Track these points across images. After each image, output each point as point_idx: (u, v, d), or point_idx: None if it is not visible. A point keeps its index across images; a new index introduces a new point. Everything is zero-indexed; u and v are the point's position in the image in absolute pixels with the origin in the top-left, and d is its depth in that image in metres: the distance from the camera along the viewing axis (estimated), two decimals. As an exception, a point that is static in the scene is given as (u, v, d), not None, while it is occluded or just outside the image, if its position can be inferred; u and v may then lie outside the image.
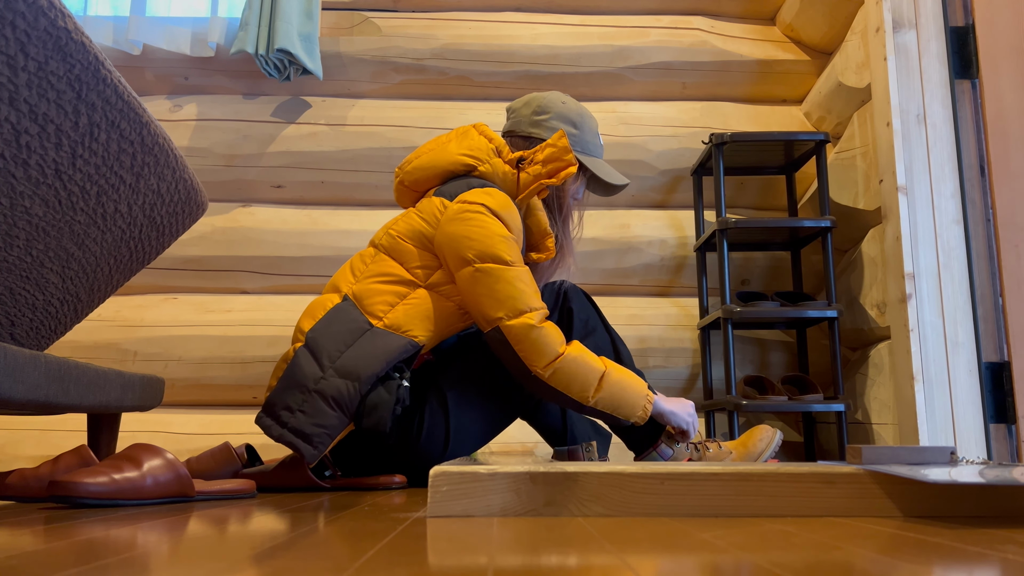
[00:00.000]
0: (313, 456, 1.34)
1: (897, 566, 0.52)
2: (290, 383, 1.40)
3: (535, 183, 1.58)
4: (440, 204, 1.53)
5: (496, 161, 1.60)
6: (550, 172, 1.57)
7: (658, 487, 0.87)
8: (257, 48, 2.34)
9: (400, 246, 1.52)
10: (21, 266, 1.21)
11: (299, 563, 0.54)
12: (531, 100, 1.71)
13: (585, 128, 1.70)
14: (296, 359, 1.42)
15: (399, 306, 1.48)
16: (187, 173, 1.40)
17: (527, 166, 1.59)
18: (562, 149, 1.56)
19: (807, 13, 2.41)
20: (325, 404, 1.37)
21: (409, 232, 1.53)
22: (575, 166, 1.55)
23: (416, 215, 1.55)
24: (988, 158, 1.90)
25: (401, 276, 1.50)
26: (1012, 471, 0.91)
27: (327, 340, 1.43)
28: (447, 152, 1.60)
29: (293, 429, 1.36)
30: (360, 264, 1.55)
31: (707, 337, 2.32)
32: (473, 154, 1.59)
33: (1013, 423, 1.80)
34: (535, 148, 1.60)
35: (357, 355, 1.41)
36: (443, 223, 1.50)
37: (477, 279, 1.46)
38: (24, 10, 0.97)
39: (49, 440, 2.26)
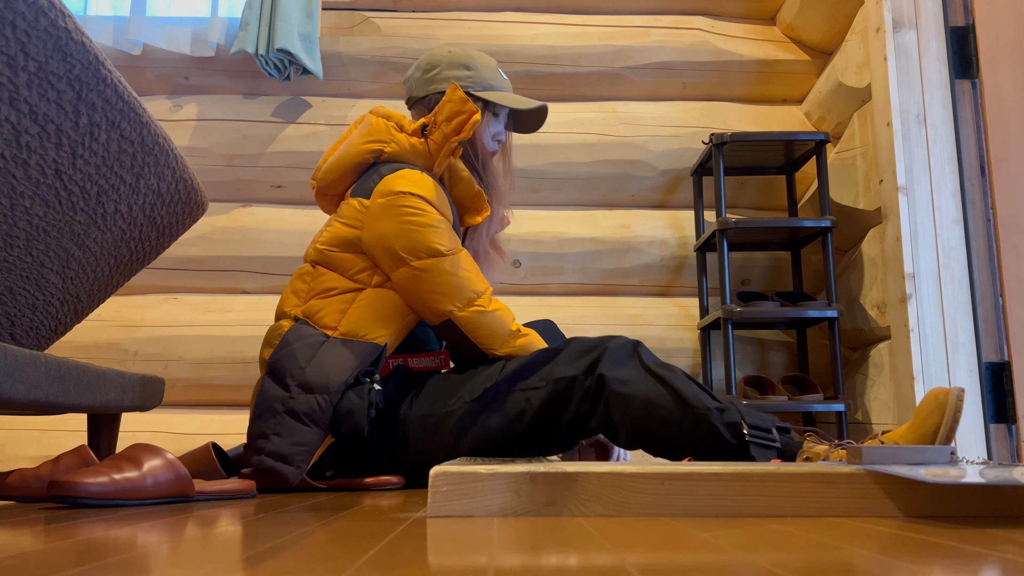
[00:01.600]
0: (296, 476, 1.32)
1: (897, 566, 0.52)
2: (261, 411, 1.39)
3: (445, 144, 1.52)
4: (358, 204, 1.49)
5: (400, 137, 1.55)
6: (456, 128, 1.51)
7: (658, 487, 0.87)
8: (257, 48, 2.34)
9: (332, 257, 1.49)
10: (21, 266, 1.21)
11: (299, 563, 0.54)
12: (419, 62, 1.66)
13: (478, 66, 1.63)
14: (262, 388, 1.41)
15: (350, 311, 1.45)
16: (187, 173, 1.40)
17: (432, 130, 1.54)
18: (459, 100, 1.51)
19: (807, 13, 2.41)
20: (298, 422, 1.35)
21: (336, 241, 1.49)
22: (478, 113, 1.50)
23: (338, 222, 1.51)
24: (988, 158, 1.90)
25: (344, 286, 1.47)
26: (1012, 471, 0.91)
27: (287, 361, 1.41)
28: (351, 147, 1.56)
29: (271, 453, 1.34)
30: (302, 284, 1.51)
31: (707, 337, 2.32)
32: (375, 138, 1.54)
33: (1013, 423, 1.80)
34: (435, 110, 1.54)
35: (321, 368, 1.38)
36: (367, 223, 1.47)
37: (417, 277, 1.43)
38: (24, 10, 0.97)
39: (49, 440, 2.26)
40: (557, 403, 1.38)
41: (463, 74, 1.62)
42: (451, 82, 1.54)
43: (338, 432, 1.37)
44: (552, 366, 1.40)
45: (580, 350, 1.40)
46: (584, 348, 1.40)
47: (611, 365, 1.35)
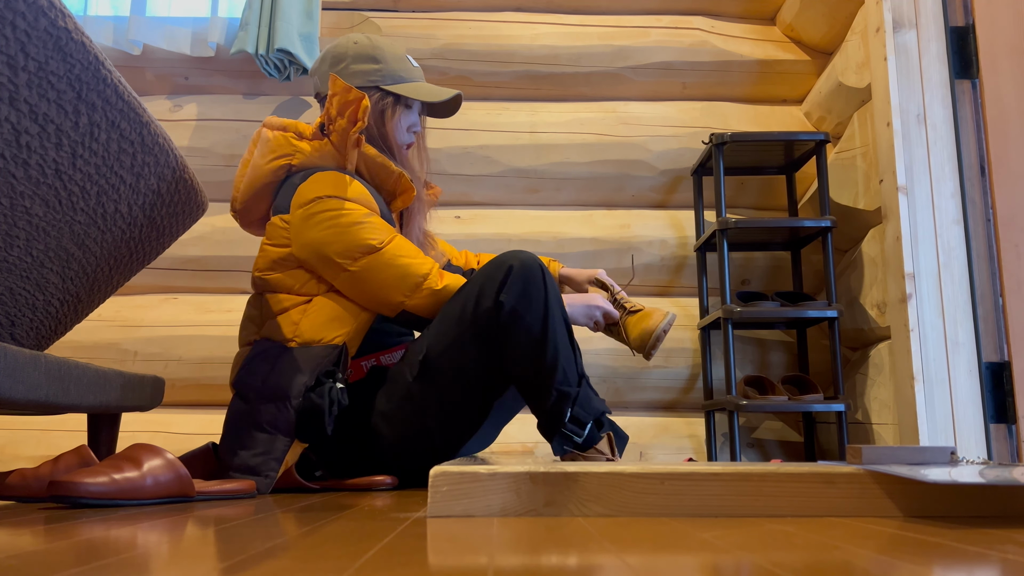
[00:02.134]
0: (266, 486, 1.31)
1: (897, 566, 0.52)
2: (228, 430, 1.39)
3: (348, 138, 1.49)
4: (280, 222, 1.48)
5: (302, 145, 1.52)
6: (351, 119, 1.48)
7: (658, 487, 0.87)
8: (257, 48, 2.34)
9: (272, 279, 1.48)
10: (21, 266, 1.21)
11: (299, 563, 0.54)
12: (324, 56, 1.62)
13: (386, 57, 1.59)
14: (229, 410, 1.42)
15: (303, 321, 1.44)
16: (187, 173, 1.40)
17: (330, 128, 1.51)
18: (343, 90, 1.47)
19: (807, 13, 2.41)
20: (261, 432, 1.35)
21: (270, 264, 1.48)
22: (365, 98, 1.46)
23: (268, 244, 1.50)
24: (988, 158, 1.90)
25: (294, 302, 1.46)
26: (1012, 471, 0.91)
27: (249, 377, 1.41)
28: (255, 168, 1.53)
29: (238, 467, 1.33)
30: (254, 311, 1.51)
31: (707, 337, 2.32)
32: (277, 153, 1.52)
33: (1013, 423, 1.80)
34: (325, 107, 1.52)
35: (278, 376, 1.38)
36: (294, 237, 1.45)
37: (359, 278, 1.42)
38: (24, 10, 0.97)
39: (49, 440, 2.26)
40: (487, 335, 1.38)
41: (371, 67, 1.57)
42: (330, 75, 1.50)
43: (304, 435, 1.36)
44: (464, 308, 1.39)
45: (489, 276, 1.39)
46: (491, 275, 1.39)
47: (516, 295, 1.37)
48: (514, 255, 1.39)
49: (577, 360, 1.40)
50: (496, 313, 1.36)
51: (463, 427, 1.44)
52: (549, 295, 1.37)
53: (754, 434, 2.36)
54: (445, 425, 1.42)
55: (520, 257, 1.38)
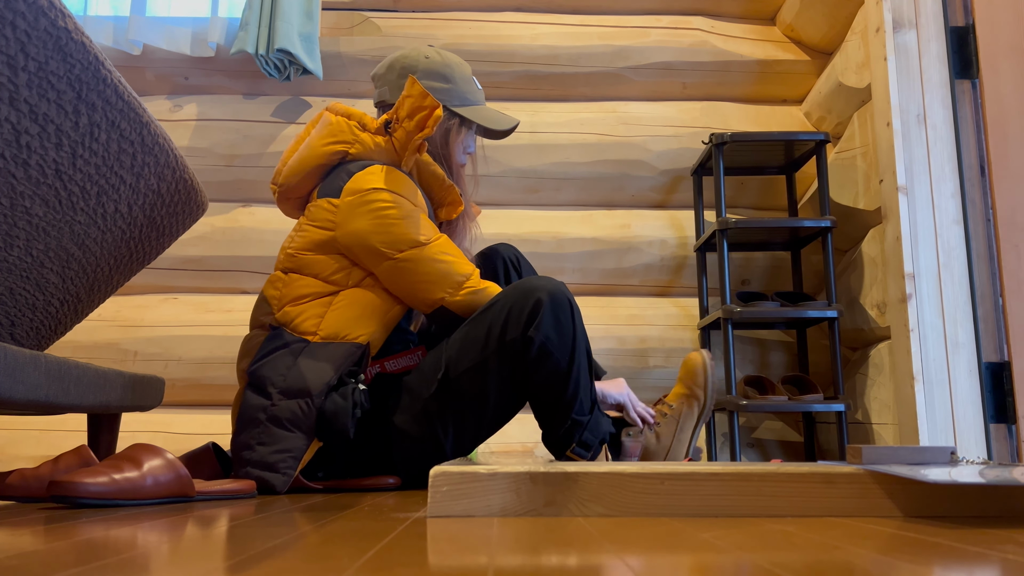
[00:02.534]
0: (283, 484, 1.31)
1: (897, 566, 0.52)
2: (244, 423, 1.37)
3: (410, 142, 1.49)
4: (328, 205, 1.46)
5: (364, 136, 1.52)
6: (419, 124, 1.48)
7: (658, 487, 0.87)
8: (257, 48, 2.34)
9: (306, 260, 1.46)
10: (21, 266, 1.21)
11: (299, 563, 0.54)
12: (394, 62, 1.60)
13: (456, 78, 1.60)
14: (243, 398, 1.39)
15: (328, 315, 1.43)
16: (187, 173, 1.40)
17: (396, 127, 1.51)
18: (419, 95, 1.47)
19: (807, 13, 2.41)
20: (281, 429, 1.34)
21: (309, 245, 1.47)
22: (439, 107, 1.46)
23: (309, 224, 1.48)
24: (988, 158, 1.90)
25: (319, 290, 1.45)
26: (1012, 471, 0.91)
27: (267, 369, 1.39)
28: (311, 148, 1.53)
29: (255, 463, 1.32)
30: (274, 292, 1.49)
31: (707, 337, 2.32)
32: (338, 139, 1.51)
33: (1013, 423, 1.80)
34: (395, 106, 1.51)
35: (301, 373, 1.37)
36: (340, 223, 1.44)
37: (401, 270, 1.42)
38: (24, 10, 0.97)
39: (49, 440, 2.26)
40: (512, 365, 1.39)
41: (440, 86, 1.58)
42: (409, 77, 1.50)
43: (324, 435, 1.36)
44: (490, 332, 1.39)
45: (517, 305, 1.39)
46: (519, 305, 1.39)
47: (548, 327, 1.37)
48: (543, 284, 1.39)
49: (592, 387, 1.43)
50: (525, 348, 1.37)
51: (474, 441, 1.46)
52: (577, 329, 1.39)
53: (754, 434, 2.36)
54: (457, 439, 1.43)
55: (549, 288, 1.38)
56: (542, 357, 1.36)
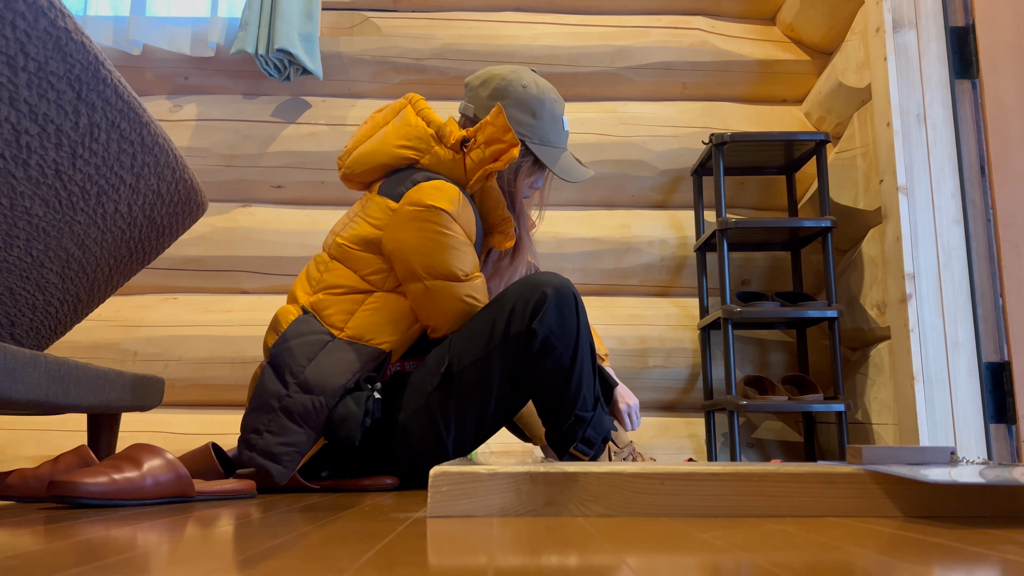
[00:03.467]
0: (283, 476, 1.31)
1: (897, 566, 0.52)
2: (258, 403, 1.38)
3: (480, 170, 1.48)
4: (386, 206, 1.46)
5: (438, 149, 1.49)
6: (493, 155, 1.46)
7: (658, 487, 0.87)
8: (257, 48, 2.34)
9: (350, 254, 1.47)
10: (21, 266, 1.21)
11: (299, 563, 0.54)
12: (489, 79, 1.57)
13: (544, 115, 1.55)
14: (262, 377, 1.40)
15: (359, 313, 1.43)
16: (187, 173, 1.40)
17: (471, 149, 1.48)
18: (501, 128, 1.45)
19: (807, 13, 2.41)
20: (291, 422, 1.34)
21: (358, 239, 1.47)
22: (516, 147, 1.44)
23: (363, 219, 1.48)
24: (988, 158, 1.90)
25: (355, 286, 1.45)
26: (1012, 471, 0.91)
27: (288, 356, 1.39)
28: (384, 145, 1.51)
29: (261, 451, 1.33)
30: (315, 272, 1.50)
31: (707, 337, 2.32)
32: (412, 145, 1.50)
33: (1013, 423, 1.80)
34: (476, 127, 1.48)
35: (321, 369, 1.37)
36: (391, 227, 1.44)
37: (428, 294, 1.42)
38: (24, 10, 0.97)
39: (49, 440, 2.26)
40: (515, 359, 1.39)
41: (527, 120, 1.54)
42: (496, 106, 1.47)
43: (331, 437, 1.36)
44: (494, 327, 1.40)
45: (522, 298, 1.39)
46: (524, 298, 1.39)
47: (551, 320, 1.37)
48: (548, 279, 1.39)
49: (595, 383, 1.43)
50: (528, 341, 1.37)
51: (475, 438, 1.45)
52: (580, 324, 1.39)
53: (754, 434, 2.36)
54: (458, 435, 1.43)
55: (554, 283, 1.38)
56: (545, 350, 1.36)
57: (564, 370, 1.38)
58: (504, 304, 1.40)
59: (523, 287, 1.40)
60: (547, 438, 1.45)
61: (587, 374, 1.40)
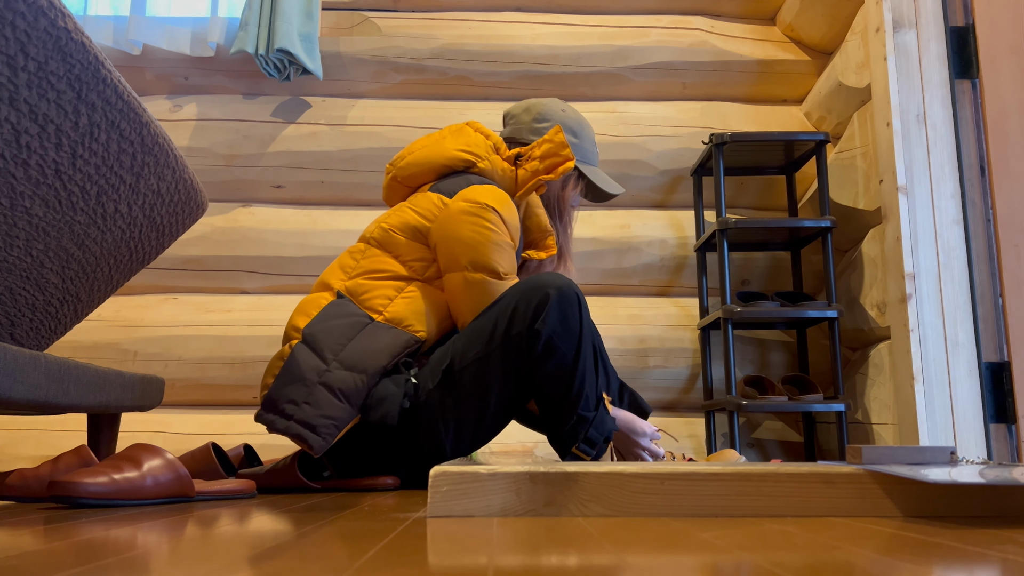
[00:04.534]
0: (321, 447, 1.33)
1: (897, 566, 0.52)
2: (291, 378, 1.38)
3: (533, 179, 1.58)
4: (438, 200, 1.52)
5: (494, 158, 1.60)
6: (548, 168, 1.57)
7: (658, 487, 0.87)
8: (257, 48, 2.34)
9: (394, 239, 1.51)
10: (21, 266, 1.21)
11: (299, 563, 0.54)
12: (531, 106, 1.71)
13: (584, 137, 1.72)
14: (294, 355, 1.40)
15: (398, 300, 1.47)
16: (187, 173, 1.40)
17: (525, 162, 1.60)
18: (559, 144, 1.56)
19: (807, 13, 2.41)
20: (332, 395, 1.36)
21: (403, 226, 1.52)
22: (572, 160, 1.55)
23: (410, 209, 1.53)
24: (988, 158, 1.90)
25: (395, 271, 1.49)
26: (1012, 471, 0.91)
27: (326, 335, 1.41)
28: (443, 148, 1.60)
29: (300, 420, 1.34)
30: (350, 260, 1.53)
31: (707, 337, 2.32)
32: (471, 150, 1.59)
33: (1013, 423, 1.80)
34: (532, 144, 1.60)
35: (361, 349, 1.39)
36: (442, 219, 1.49)
37: (466, 287, 1.46)
38: (24, 10, 0.97)
39: (49, 440, 2.26)
40: (516, 359, 1.40)
41: (570, 139, 1.69)
42: (556, 126, 1.59)
43: (367, 416, 1.38)
44: (496, 326, 1.41)
45: (524, 298, 1.41)
46: (527, 299, 1.40)
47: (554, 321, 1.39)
48: (551, 280, 1.41)
49: (599, 382, 1.44)
50: (531, 341, 1.38)
51: (475, 438, 1.45)
52: (584, 324, 1.40)
53: (754, 434, 2.36)
54: (458, 434, 1.43)
55: (557, 283, 1.40)
56: (548, 351, 1.38)
57: (567, 370, 1.39)
58: (507, 304, 1.41)
59: (526, 287, 1.41)
60: (549, 438, 1.45)
61: (589, 374, 1.41)
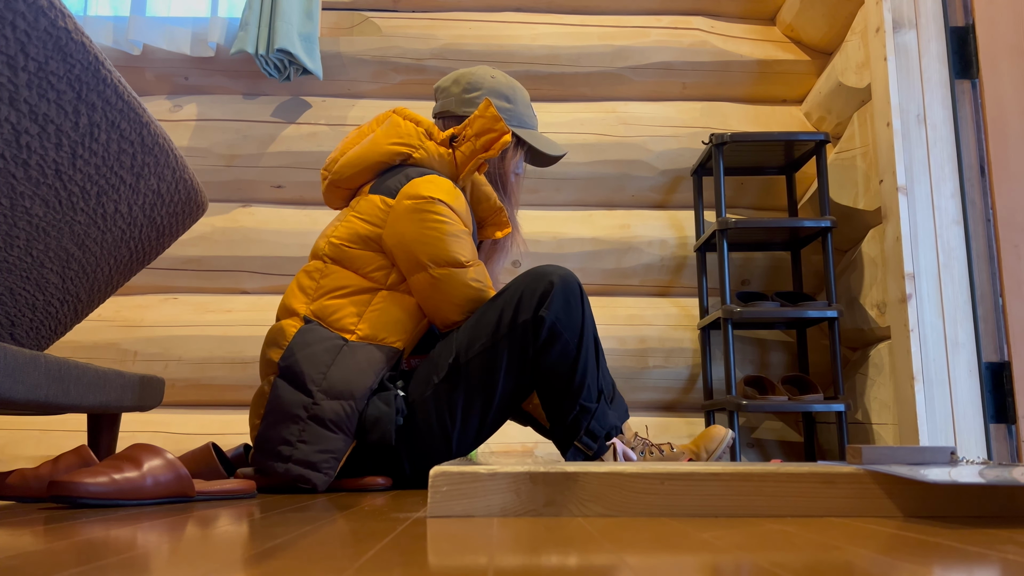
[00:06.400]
0: (324, 483, 1.32)
1: (897, 566, 0.52)
2: (278, 417, 1.35)
3: (472, 160, 1.54)
4: (381, 203, 1.48)
5: (429, 144, 1.55)
6: (485, 145, 1.53)
7: (658, 487, 0.87)
8: (257, 48, 2.34)
9: (347, 253, 1.47)
10: (21, 266, 1.21)
11: (299, 563, 0.54)
12: (459, 77, 1.66)
13: (518, 100, 1.66)
14: (275, 391, 1.37)
15: (367, 315, 1.44)
16: (187, 173, 1.40)
17: (460, 143, 1.55)
18: (491, 118, 1.52)
19: (807, 13, 2.41)
20: (324, 429, 1.34)
21: (352, 237, 1.48)
22: (508, 134, 1.51)
23: (356, 217, 1.49)
24: (988, 158, 1.90)
25: (358, 285, 1.46)
26: (1012, 471, 0.91)
27: (304, 364, 1.37)
28: (375, 144, 1.55)
29: (298, 461, 1.32)
30: (309, 281, 1.48)
31: (707, 337, 2.32)
32: (404, 141, 1.55)
33: (1013, 423, 1.80)
34: (464, 123, 1.56)
35: (343, 373, 1.37)
36: (391, 222, 1.46)
37: (435, 284, 1.44)
38: (24, 10, 0.97)
39: (49, 440, 2.26)
40: (522, 347, 1.40)
41: (503, 105, 1.64)
42: (484, 100, 1.54)
43: (365, 439, 1.37)
44: (502, 316, 1.41)
45: (529, 288, 1.41)
46: (531, 288, 1.41)
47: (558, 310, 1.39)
48: (554, 270, 1.42)
49: (599, 375, 1.44)
50: (536, 328, 1.39)
51: (479, 432, 1.45)
52: (586, 314, 1.41)
53: (754, 434, 2.36)
54: (463, 428, 1.43)
55: (560, 273, 1.41)
56: (552, 338, 1.38)
57: (570, 359, 1.40)
58: (512, 294, 1.42)
59: (529, 277, 1.42)
60: (552, 433, 1.45)
61: (591, 365, 1.42)
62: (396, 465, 1.46)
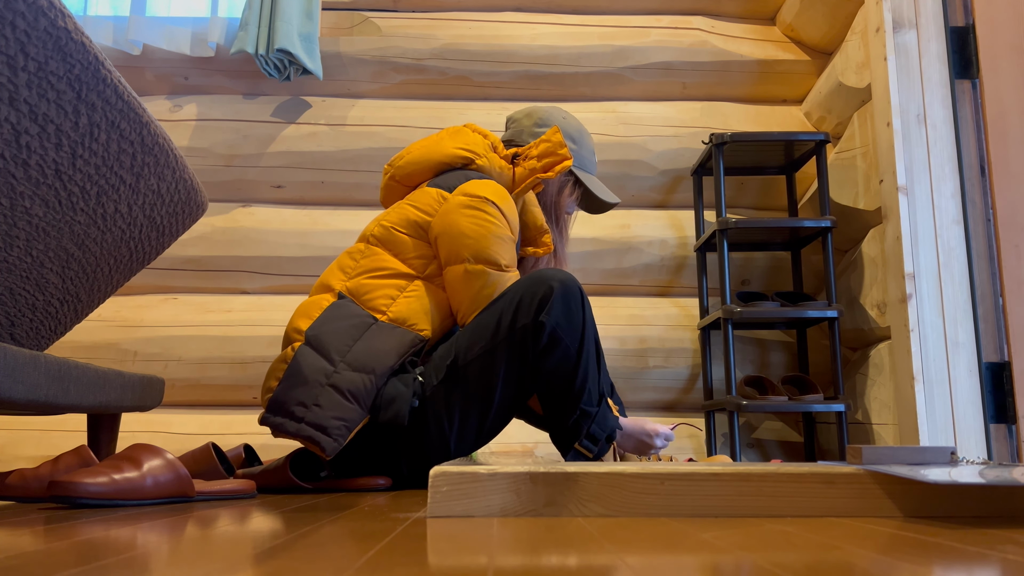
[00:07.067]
0: (333, 449, 1.33)
1: (897, 566, 0.52)
2: (297, 380, 1.38)
3: (530, 177, 1.60)
4: (438, 195, 1.53)
5: (492, 156, 1.62)
6: (545, 166, 1.59)
7: (658, 487, 0.87)
8: (257, 48, 2.34)
9: (395, 236, 1.51)
10: (21, 266, 1.21)
11: (299, 563, 0.54)
12: (532, 111, 1.73)
13: (583, 144, 1.73)
14: (298, 357, 1.40)
15: (400, 299, 1.47)
16: (187, 173, 1.40)
17: (522, 161, 1.62)
18: (556, 144, 1.58)
19: (807, 13, 2.41)
20: (341, 397, 1.36)
21: (403, 222, 1.52)
22: (570, 160, 1.57)
23: (409, 205, 1.54)
24: (988, 158, 1.90)
25: (397, 269, 1.49)
26: (1012, 471, 0.91)
27: (331, 336, 1.41)
28: (442, 146, 1.61)
29: (311, 423, 1.34)
30: (350, 261, 1.53)
31: (707, 337, 2.32)
32: (470, 148, 1.60)
33: (1013, 423, 1.80)
34: (530, 144, 1.62)
35: (368, 349, 1.39)
36: (443, 212, 1.50)
37: (467, 278, 1.46)
38: (24, 10, 0.97)
39: (49, 440, 2.26)
40: (521, 352, 1.40)
41: (571, 145, 1.71)
42: (554, 126, 1.60)
43: (378, 417, 1.38)
44: (501, 320, 1.42)
45: (529, 292, 1.42)
46: (531, 292, 1.41)
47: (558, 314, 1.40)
48: (554, 273, 1.43)
49: (600, 378, 1.45)
50: (535, 333, 1.39)
51: (477, 434, 1.45)
52: (586, 319, 1.42)
53: (754, 434, 2.36)
54: (462, 430, 1.43)
55: (560, 277, 1.42)
56: (552, 343, 1.39)
57: (570, 364, 1.40)
58: (511, 298, 1.43)
59: (529, 281, 1.43)
60: (552, 435, 1.45)
61: (592, 369, 1.42)
62: (394, 465, 1.46)
